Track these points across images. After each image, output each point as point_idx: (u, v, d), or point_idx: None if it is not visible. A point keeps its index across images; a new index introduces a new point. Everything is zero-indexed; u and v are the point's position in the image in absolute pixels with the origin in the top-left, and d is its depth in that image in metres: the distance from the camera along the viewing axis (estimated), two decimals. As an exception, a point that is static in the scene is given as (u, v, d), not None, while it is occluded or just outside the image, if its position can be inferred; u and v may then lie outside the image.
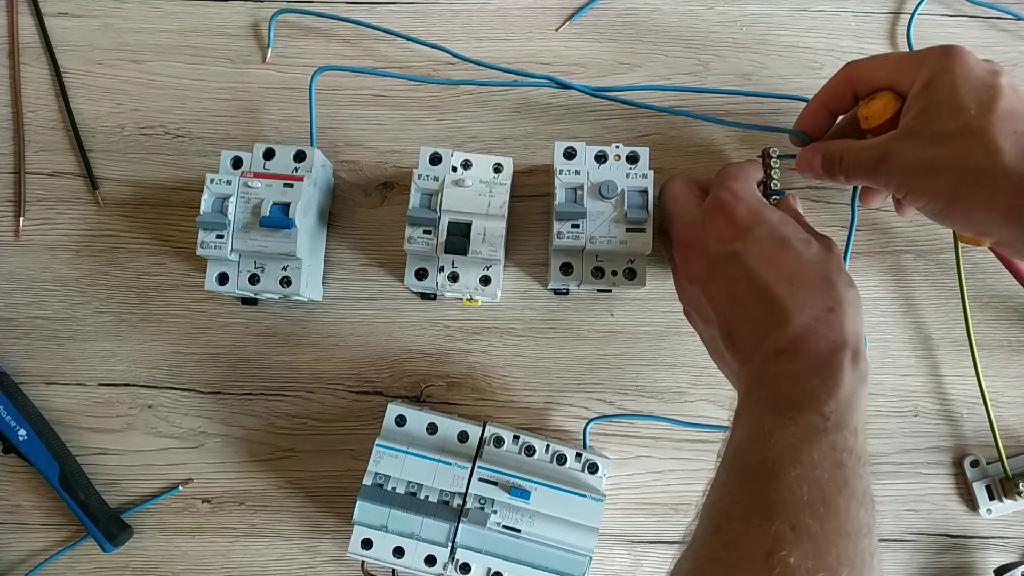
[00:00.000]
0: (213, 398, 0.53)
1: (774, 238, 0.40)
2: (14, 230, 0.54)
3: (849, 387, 0.35)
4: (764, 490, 0.33)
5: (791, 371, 0.36)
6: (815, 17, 0.57)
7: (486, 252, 0.48)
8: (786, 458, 0.33)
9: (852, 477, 0.33)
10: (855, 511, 0.33)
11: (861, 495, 0.33)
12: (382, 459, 0.47)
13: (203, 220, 0.47)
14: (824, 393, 0.35)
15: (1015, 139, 0.37)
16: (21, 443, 0.51)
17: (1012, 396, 0.53)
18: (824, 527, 0.32)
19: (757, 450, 0.35)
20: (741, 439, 0.37)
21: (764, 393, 0.37)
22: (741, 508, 0.34)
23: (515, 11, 0.57)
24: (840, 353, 0.36)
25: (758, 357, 0.38)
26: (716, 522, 0.35)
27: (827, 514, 0.32)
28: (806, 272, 0.39)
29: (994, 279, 0.54)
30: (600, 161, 0.49)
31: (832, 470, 0.33)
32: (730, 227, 0.41)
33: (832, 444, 0.34)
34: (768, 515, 0.32)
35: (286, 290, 0.49)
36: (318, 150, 0.51)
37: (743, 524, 0.33)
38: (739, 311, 0.40)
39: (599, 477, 0.48)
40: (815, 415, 0.34)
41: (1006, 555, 0.52)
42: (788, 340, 0.37)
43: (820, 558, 0.31)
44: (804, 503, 0.32)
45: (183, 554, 0.52)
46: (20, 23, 0.57)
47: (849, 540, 0.32)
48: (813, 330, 0.37)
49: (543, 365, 0.53)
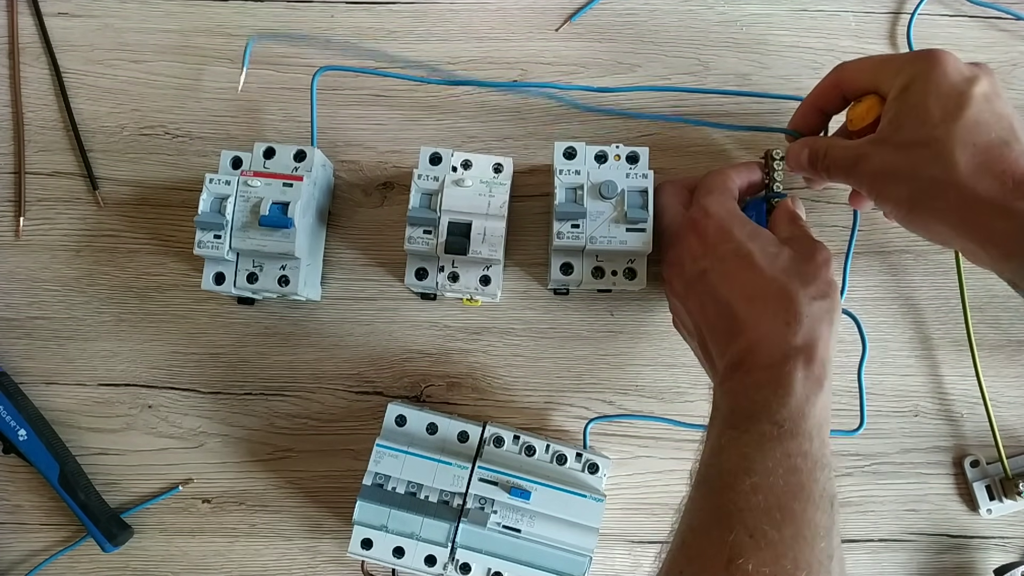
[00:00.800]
0: (213, 398, 0.53)
1: (739, 255, 0.41)
2: (14, 230, 0.54)
3: (801, 395, 0.36)
4: (722, 501, 0.34)
5: (745, 384, 0.37)
6: (815, 17, 0.57)
7: (486, 252, 0.48)
8: (740, 468, 0.34)
9: (808, 481, 0.34)
10: (811, 515, 0.33)
11: (818, 499, 0.34)
12: (382, 459, 0.47)
13: (201, 220, 0.47)
14: (776, 403, 0.36)
15: (973, 151, 0.37)
16: (21, 443, 0.51)
17: (1012, 396, 0.53)
18: (781, 533, 0.32)
19: (714, 463, 0.36)
20: (704, 455, 0.38)
21: (723, 408, 0.38)
22: (702, 520, 0.35)
23: (515, 11, 0.57)
24: (791, 362, 0.37)
25: (721, 373, 0.40)
26: (682, 536, 0.36)
27: (783, 519, 0.33)
28: (766, 288, 0.39)
29: (994, 279, 0.54)
30: (600, 161, 0.49)
31: (787, 476, 0.34)
32: (701, 245, 0.43)
33: (786, 451, 0.34)
34: (727, 525, 0.33)
35: (284, 289, 0.49)
36: (318, 150, 0.51)
37: (704, 536, 0.34)
38: (709, 327, 0.42)
39: (599, 477, 0.48)
40: (767, 424, 0.35)
41: (1006, 555, 0.52)
42: (741, 354, 0.38)
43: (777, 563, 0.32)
44: (760, 510, 0.33)
45: (183, 554, 0.52)
46: (20, 23, 0.57)
47: (806, 544, 0.32)
48: (764, 342, 0.38)
49: (543, 365, 0.53)
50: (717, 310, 0.41)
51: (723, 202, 0.44)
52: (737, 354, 0.39)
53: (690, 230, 0.44)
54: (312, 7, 0.57)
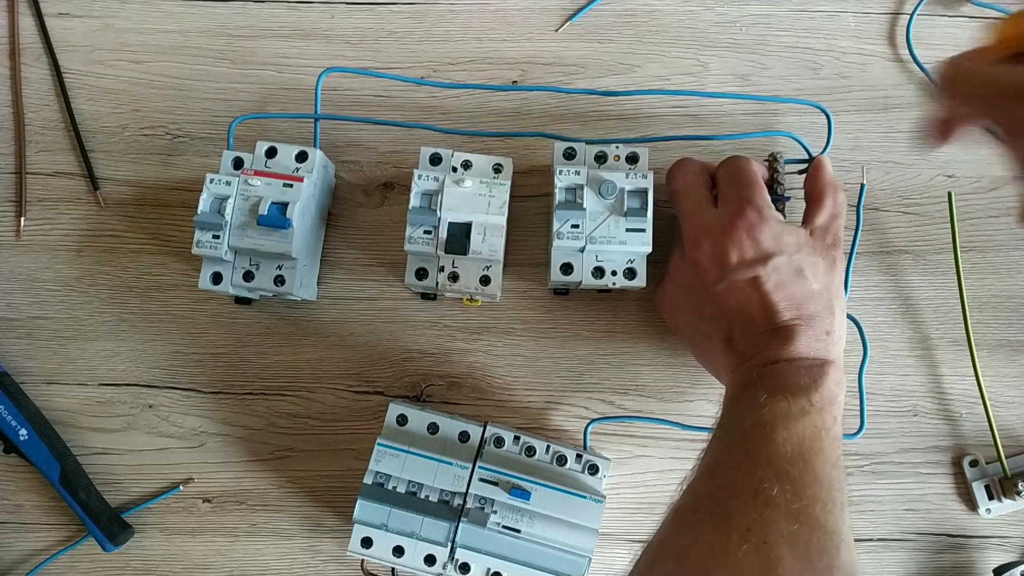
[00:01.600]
0: (214, 398, 0.53)
1: (791, 268, 0.43)
2: (15, 230, 0.54)
3: (831, 389, 0.41)
4: (755, 446, 0.38)
5: (788, 371, 0.42)
6: (814, 18, 0.57)
7: (486, 252, 0.48)
8: (777, 423, 0.38)
9: (828, 448, 0.39)
10: (829, 470, 0.38)
11: (835, 460, 0.39)
12: (383, 458, 0.47)
13: (200, 220, 0.47)
14: (812, 388, 0.40)
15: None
16: (22, 443, 0.51)
17: (1011, 396, 0.53)
18: (802, 476, 0.37)
19: (752, 416, 0.40)
20: (737, 412, 0.41)
21: (763, 384, 0.41)
22: (734, 459, 0.39)
23: (515, 11, 0.57)
24: (827, 367, 0.42)
25: (758, 360, 0.43)
26: (711, 470, 0.40)
27: (805, 468, 0.37)
28: (813, 301, 0.43)
29: (993, 279, 0.54)
30: (600, 161, 0.49)
31: (812, 440, 0.39)
32: (754, 249, 0.43)
33: (814, 423, 0.39)
34: (756, 462, 0.38)
35: (280, 289, 0.49)
36: (320, 151, 0.51)
37: (734, 471, 0.38)
38: (745, 322, 0.44)
39: (599, 478, 0.48)
40: (804, 400, 0.40)
41: (1005, 555, 0.52)
42: (789, 355, 0.42)
43: (796, 495, 0.36)
44: (786, 458, 0.37)
45: (184, 553, 0.52)
46: (21, 23, 0.57)
47: (822, 487, 0.37)
48: (810, 348, 0.42)
49: (543, 365, 0.53)
50: (763, 312, 0.43)
51: (769, 202, 0.45)
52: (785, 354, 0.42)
53: (742, 228, 0.44)
54: (312, 8, 0.57)
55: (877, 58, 0.56)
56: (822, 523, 0.36)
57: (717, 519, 0.36)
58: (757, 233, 0.43)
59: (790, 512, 0.35)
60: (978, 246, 0.54)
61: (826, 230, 0.46)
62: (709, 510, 0.37)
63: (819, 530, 0.35)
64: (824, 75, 0.56)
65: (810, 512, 0.36)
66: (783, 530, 0.35)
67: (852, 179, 0.54)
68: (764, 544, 0.34)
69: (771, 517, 0.35)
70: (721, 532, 0.35)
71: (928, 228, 0.54)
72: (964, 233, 0.54)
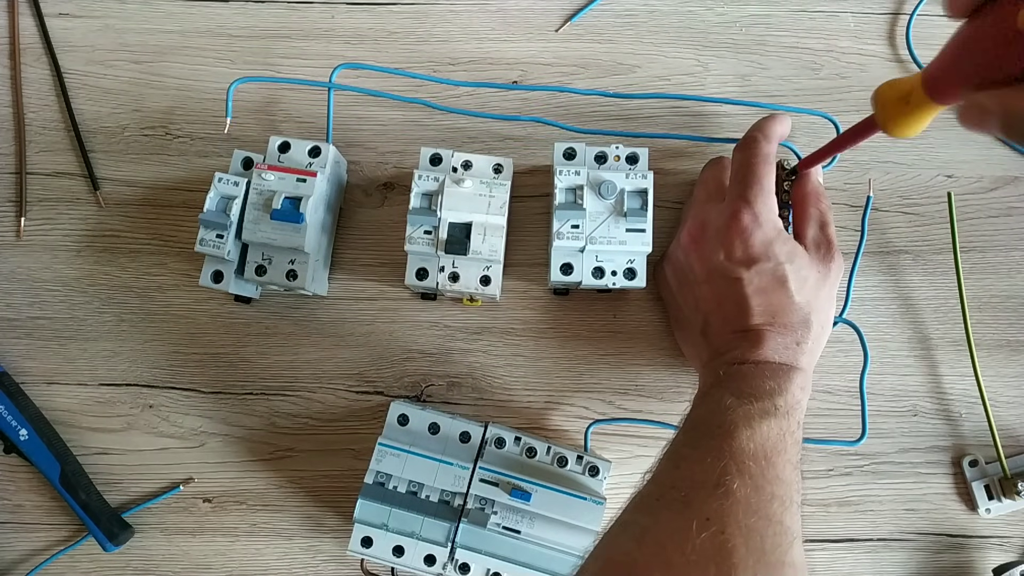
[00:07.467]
0: (214, 398, 0.53)
1: (775, 276, 0.44)
2: (15, 230, 0.54)
3: (795, 395, 0.42)
4: (719, 442, 0.39)
5: (754, 374, 0.42)
6: (814, 18, 0.57)
7: (486, 252, 0.48)
8: (741, 423, 0.39)
9: (790, 449, 0.40)
10: (790, 471, 0.39)
11: (796, 462, 0.40)
12: (384, 458, 0.47)
13: (205, 218, 0.47)
14: (776, 392, 0.41)
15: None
16: (22, 443, 0.51)
17: (1010, 396, 0.53)
18: (764, 473, 0.38)
19: (718, 416, 0.41)
20: (703, 412, 0.42)
21: (729, 384, 0.42)
22: (698, 452, 0.40)
23: (515, 12, 0.57)
24: (793, 372, 0.43)
25: (727, 358, 0.44)
26: (675, 461, 0.41)
27: (767, 466, 0.39)
28: (790, 313, 0.44)
29: (993, 279, 0.54)
30: (600, 161, 0.49)
31: (775, 441, 0.40)
32: (742, 251, 0.44)
33: (779, 426, 0.40)
34: (719, 457, 0.39)
35: (292, 283, 0.49)
36: (333, 146, 0.51)
37: (698, 463, 0.39)
38: (721, 319, 0.45)
39: (600, 480, 0.48)
40: (768, 403, 0.41)
41: (1005, 554, 0.52)
42: (755, 357, 0.43)
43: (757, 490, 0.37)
44: (749, 454, 0.39)
45: (184, 553, 0.52)
46: (21, 24, 0.57)
47: (781, 484, 0.38)
48: (777, 355, 0.43)
49: (543, 365, 0.53)
50: (739, 312, 0.44)
51: (772, 208, 0.45)
52: (752, 355, 0.43)
53: (734, 229, 0.44)
54: (312, 8, 0.57)
55: (877, 58, 0.57)
56: (778, 519, 0.37)
57: (679, 506, 0.38)
58: (748, 236, 0.43)
59: (749, 506, 0.37)
60: (978, 246, 0.54)
61: (818, 243, 0.46)
62: (671, 497, 0.38)
63: (775, 525, 0.37)
64: (824, 75, 0.56)
65: (768, 508, 0.37)
66: (741, 522, 0.36)
67: (852, 179, 0.54)
68: (722, 534, 0.35)
69: (730, 509, 0.36)
70: (682, 518, 0.37)
71: (928, 228, 0.54)
72: (964, 233, 0.54)
